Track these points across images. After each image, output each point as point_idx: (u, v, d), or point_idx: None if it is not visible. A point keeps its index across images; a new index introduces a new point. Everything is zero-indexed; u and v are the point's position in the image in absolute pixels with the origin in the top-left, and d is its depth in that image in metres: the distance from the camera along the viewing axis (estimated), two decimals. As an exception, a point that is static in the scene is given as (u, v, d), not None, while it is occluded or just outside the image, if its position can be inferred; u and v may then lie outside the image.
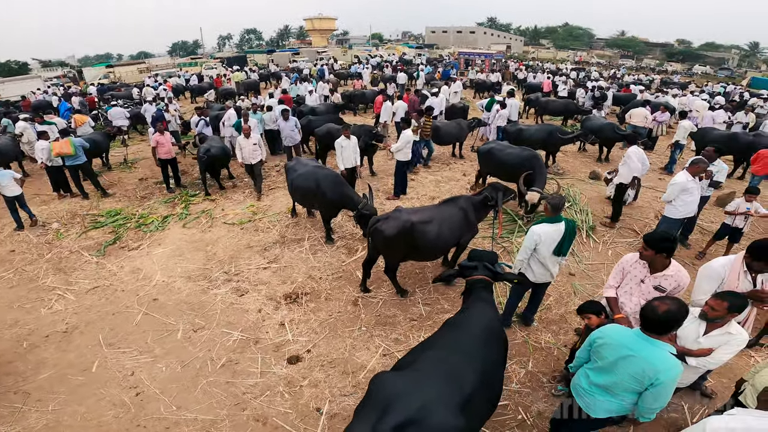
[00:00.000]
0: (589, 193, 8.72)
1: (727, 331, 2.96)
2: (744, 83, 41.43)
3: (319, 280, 5.82)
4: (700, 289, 3.50)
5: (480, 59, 36.19)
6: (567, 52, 67.06)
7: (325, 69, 25.90)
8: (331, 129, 9.32)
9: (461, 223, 5.35)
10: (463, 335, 3.00)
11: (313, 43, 66.59)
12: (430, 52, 51.92)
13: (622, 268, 3.63)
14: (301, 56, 40.61)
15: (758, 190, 6.15)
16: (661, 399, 2.60)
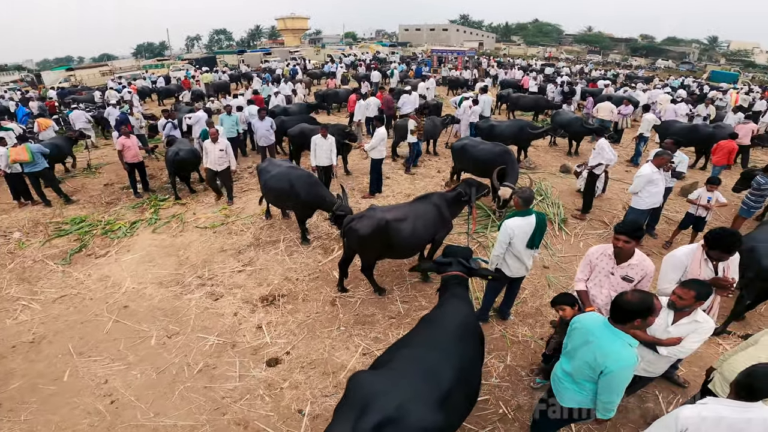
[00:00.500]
0: (560, 187, 8.93)
1: (694, 320, 3.02)
2: (704, 77, 43.34)
3: (295, 282, 5.77)
4: (666, 278, 3.59)
5: (453, 56, 36.47)
6: (537, 48, 68.45)
7: (297, 69, 25.62)
8: (305, 129, 9.21)
9: (435, 219, 5.37)
10: (439, 332, 3.01)
11: (286, 42, 65.74)
12: (403, 50, 51.98)
13: (590, 261, 3.69)
14: (273, 56, 39.97)
15: (719, 180, 6.42)
16: (612, 392, 2.61)
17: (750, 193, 6.87)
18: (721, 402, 2.31)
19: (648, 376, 3.25)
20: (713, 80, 39.07)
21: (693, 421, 2.23)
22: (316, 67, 29.97)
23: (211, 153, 8.05)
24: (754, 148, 10.97)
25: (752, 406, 2.22)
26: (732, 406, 2.25)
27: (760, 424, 2.17)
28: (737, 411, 2.22)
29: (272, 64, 32.00)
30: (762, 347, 2.96)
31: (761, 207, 7.20)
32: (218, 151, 8.00)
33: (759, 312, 5.25)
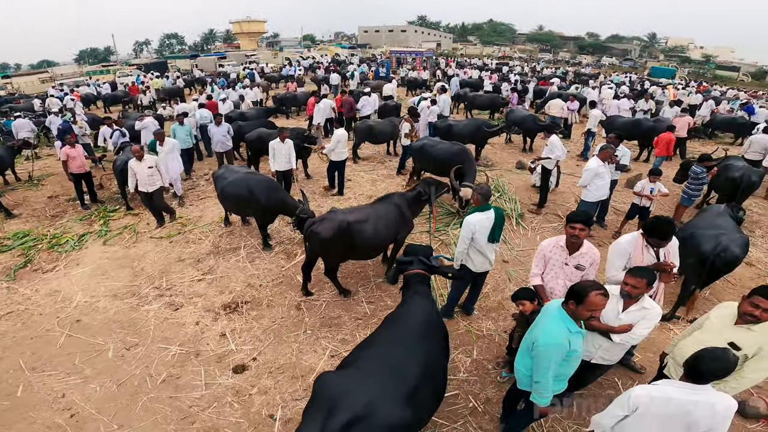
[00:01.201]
0: (516, 183, 9.25)
1: (642, 306, 3.12)
2: (645, 73, 46.20)
3: (258, 288, 5.70)
4: (613, 266, 3.76)
5: (411, 57, 36.91)
6: (492, 47, 70.53)
7: (254, 72, 25.07)
8: (263, 134, 9.05)
9: (397, 219, 5.43)
10: (403, 329, 3.05)
11: (242, 46, 64.32)
12: (363, 51, 52.13)
13: (543, 254, 3.81)
14: (228, 60, 38.88)
15: (660, 171, 6.86)
16: (539, 370, 2.77)
17: (689, 182, 7.39)
18: (672, 383, 2.42)
19: (605, 363, 3.36)
20: (653, 76, 41.77)
21: (643, 400, 2.37)
22: (274, 70, 29.44)
23: (139, 173, 7.08)
24: (691, 140, 11.79)
25: (701, 388, 2.31)
26: (682, 387, 2.35)
27: (706, 408, 2.27)
28: (686, 392, 2.32)
29: (228, 68, 31.12)
30: (706, 331, 3.09)
31: (700, 195, 7.75)
32: (146, 170, 7.10)
33: (704, 296, 5.57)
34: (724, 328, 2.97)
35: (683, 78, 42.90)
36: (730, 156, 8.39)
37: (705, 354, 2.31)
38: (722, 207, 5.87)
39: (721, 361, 2.28)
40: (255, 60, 37.61)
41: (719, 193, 7.86)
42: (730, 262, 4.92)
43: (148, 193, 7.25)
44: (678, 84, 28.94)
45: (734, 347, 2.79)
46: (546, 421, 3.73)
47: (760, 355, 2.78)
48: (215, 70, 32.93)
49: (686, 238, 5.20)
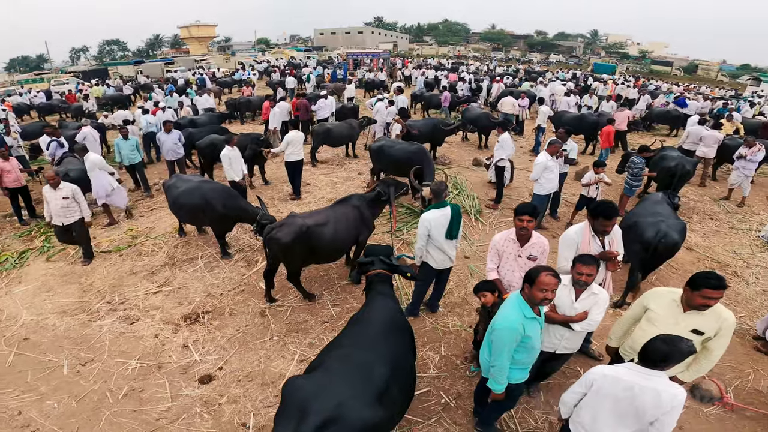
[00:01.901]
0: (473, 179, 9.49)
1: (591, 293, 3.22)
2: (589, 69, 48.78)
3: (219, 297, 5.56)
4: (562, 256, 3.88)
5: (368, 59, 36.98)
6: (447, 47, 71.95)
7: (205, 78, 24.23)
8: (215, 140, 8.76)
9: (357, 221, 5.44)
10: (368, 330, 3.05)
11: (191, 51, 62.04)
12: (319, 54, 51.70)
13: (496, 249, 3.89)
14: (176, 66, 37.29)
15: (604, 163, 7.26)
16: (494, 353, 2.87)
17: (630, 173, 7.86)
18: (627, 366, 2.50)
19: (568, 352, 3.48)
20: (596, 72, 44.17)
21: (597, 377, 2.52)
22: (226, 75, 28.60)
23: (52, 202, 6.07)
24: (631, 133, 12.57)
25: (653, 373, 2.38)
26: (634, 370, 2.44)
27: (652, 395, 2.34)
28: (636, 376, 2.41)
29: (176, 74, 29.87)
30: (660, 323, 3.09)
31: (640, 185, 8.26)
32: (61, 200, 6.05)
33: (650, 282, 5.91)
34: (677, 316, 3.02)
35: (622, 73, 45.68)
36: (666, 147, 9.00)
37: (656, 340, 2.40)
38: (660, 195, 6.27)
39: (669, 346, 2.34)
40: (205, 65, 36.29)
41: (657, 182, 8.41)
42: (671, 248, 5.21)
43: (63, 225, 6.23)
44: (618, 79, 30.78)
45: (698, 333, 2.94)
46: (517, 412, 3.82)
47: (720, 333, 2.94)
48: (162, 76, 31.48)
49: (630, 227, 5.49)
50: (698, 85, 39.82)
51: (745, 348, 4.86)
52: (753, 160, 8.64)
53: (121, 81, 28.76)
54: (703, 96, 24.09)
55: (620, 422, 2.48)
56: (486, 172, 9.49)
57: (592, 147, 12.29)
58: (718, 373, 4.38)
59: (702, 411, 3.96)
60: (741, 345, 4.90)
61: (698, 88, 34.01)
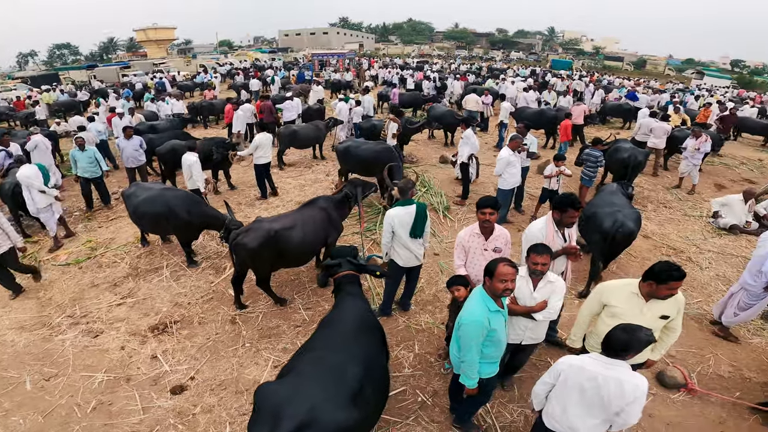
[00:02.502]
0: (440, 176, 9.64)
1: (548, 281, 3.30)
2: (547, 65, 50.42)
3: (187, 306, 5.45)
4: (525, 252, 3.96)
5: (334, 59, 36.86)
6: (412, 46, 72.51)
7: (165, 81, 23.41)
8: (176, 146, 8.50)
9: (325, 223, 5.42)
10: (339, 332, 3.06)
11: (149, 54, 59.70)
12: (284, 55, 50.99)
13: (462, 245, 3.96)
14: (133, 69, 35.79)
15: (564, 156, 7.55)
16: (463, 347, 2.93)
17: (586, 164, 8.21)
18: (593, 356, 2.58)
19: (534, 342, 3.56)
20: (553, 68, 45.72)
21: (564, 367, 2.61)
22: (187, 78, 27.73)
23: None
24: (587, 126, 13.09)
25: (615, 363, 2.45)
26: (598, 360, 2.51)
27: (615, 385, 2.41)
28: (600, 365, 2.48)
29: (133, 78, 28.68)
30: (627, 316, 3.13)
31: (597, 176, 8.63)
32: None
33: (611, 270, 6.14)
34: (641, 307, 3.09)
35: (578, 69, 47.52)
36: (619, 139, 9.46)
37: (616, 329, 2.48)
38: (615, 186, 6.57)
39: (629, 335, 2.42)
40: (164, 68, 34.99)
41: (613, 173, 8.83)
42: (628, 237, 5.42)
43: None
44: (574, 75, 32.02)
45: (666, 318, 3.08)
46: (492, 406, 3.89)
47: (678, 313, 3.14)
48: (118, 80, 30.12)
49: (589, 218, 5.72)
50: (647, 79, 41.89)
51: (703, 333, 5.06)
52: (701, 150, 9.21)
53: (74, 86, 27.33)
54: (652, 89, 25.39)
55: (588, 412, 2.55)
56: (453, 169, 9.66)
57: (553, 141, 12.73)
58: (681, 359, 4.58)
59: (669, 397, 4.10)
60: (700, 330, 5.10)
61: (647, 82, 35.77)
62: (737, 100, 24.29)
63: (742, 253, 6.84)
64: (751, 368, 4.53)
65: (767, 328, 5.19)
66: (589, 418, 2.57)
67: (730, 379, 4.39)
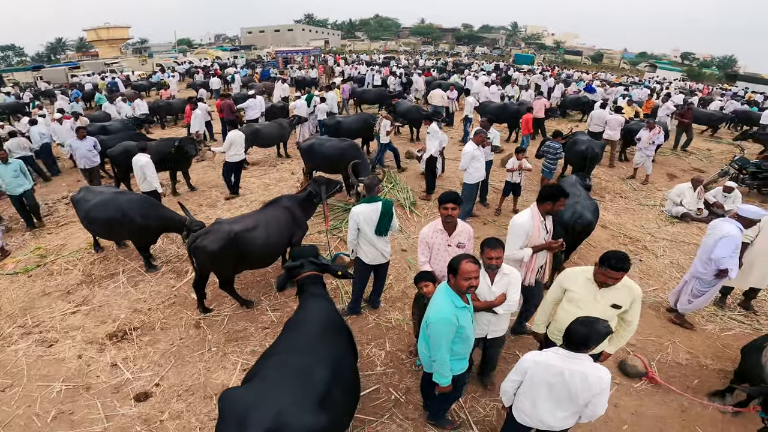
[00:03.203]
0: (407, 172, 9.69)
1: (503, 274, 3.32)
2: (510, 60, 51.56)
3: (148, 312, 5.26)
4: (512, 245, 3.84)
5: (299, 56, 36.28)
6: (379, 42, 72.41)
7: (118, 81, 22.30)
8: (129, 147, 8.09)
9: (289, 223, 5.32)
10: (304, 334, 2.99)
11: (101, 54, 56.83)
12: (247, 53, 49.82)
13: (426, 241, 3.92)
14: (83, 70, 33.94)
15: (524, 149, 7.71)
16: (433, 347, 2.91)
17: (546, 157, 8.43)
18: (554, 351, 2.62)
19: (499, 335, 3.61)
20: (516, 62, 46.80)
21: (529, 364, 2.64)
22: (143, 78, 26.55)
23: None
24: (548, 120, 13.46)
25: (578, 356, 2.49)
26: (561, 355, 2.54)
27: (581, 378, 2.45)
28: (564, 360, 2.52)
29: (83, 78, 27.16)
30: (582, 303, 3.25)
31: (557, 167, 8.90)
32: None
33: (573, 261, 6.30)
34: (595, 294, 3.16)
35: (539, 63, 48.88)
36: (577, 132, 9.76)
37: (575, 322, 2.52)
38: (574, 177, 6.76)
39: (588, 328, 2.45)
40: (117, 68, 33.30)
41: (572, 165, 9.10)
42: (586, 227, 5.59)
43: None
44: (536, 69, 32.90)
45: (617, 307, 3.11)
46: (465, 401, 3.92)
47: (633, 305, 3.12)
48: (67, 81, 28.44)
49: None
50: (604, 72, 43.62)
51: (661, 321, 5.20)
52: (654, 141, 9.63)
53: (18, 88, 25.63)
54: (609, 83, 26.42)
55: (558, 406, 2.60)
56: (419, 164, 9.69)
57: (516, 134, 13.00)
58: (641, 348, 4.68)
59: (632, 387, 4.20)
60: (657, 318, 5.24)
61: (604, 75, 37.24)
62: (687, 92, 25.60)
63: (694, 240, 7.14)
64: (707, 355, 4.68)
65: (720, 314, 5.38)
66: (558, 411, 2.62)
67: (688, 367, 4.51)
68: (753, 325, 5.20)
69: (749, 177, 9.28)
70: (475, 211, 7.80)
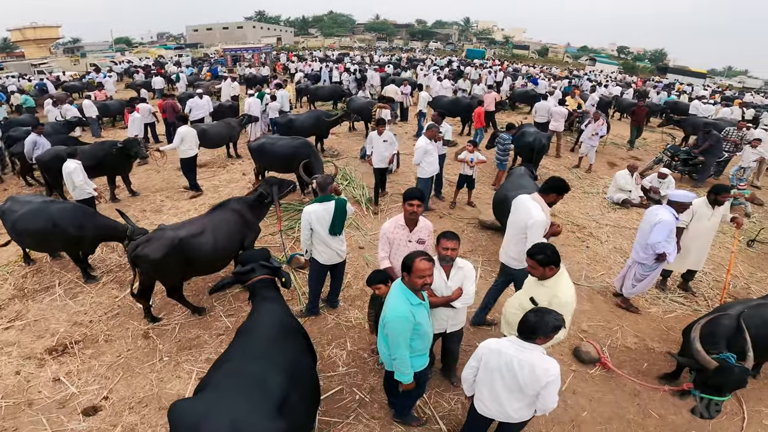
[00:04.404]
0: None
1: (458, 267, 3.33)
2: (463, 55, 52.72)
3: (89, 324, 4.95)
4: (536, 241, 3.83)
5: (249, 54, 35.23)
6: (333, 39, 71.68)
7: (47, 83, 20.60)
8: (59, 152, 7.47)
9: (239, 225, 5.14)
10: (257, 339, 2.89)
11: (27, 54, 52.72)
12: (194, 52, 47.78)
13: (387, 237, 3.91)
14: (5, 71, 31.21)
15: (476, 142, 7.86)
16: (392, 345, 2.90)
17: (497, 149, 8.66)
18: (509, 339, 2.64)
19: (458, 328, 3.63)
20: (468, 57, 47.96)
21: (484, 351, 2.67)
22: (75, 78, 24.71)
23: None
24: (498, 112, 13.86)
25: (529, 346, 2.51)
26: (514, 344, 2.56)
27: (529, 369, 2.47)
28: (515, 349, 2.54)
29: (6, 80, 24.90)
30: (523, 290, 3.38)
31: (508, 159, 9.17)
32: None
33: None
34: (531, 285, 3.29)
35: (490, 58, 50.36)
36: (524, 124, 10.09)
37: (529, 312, 2.56)
38: (522, 169, 6.98)
39: (537, 317, 2.49)
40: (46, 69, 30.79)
41: (521, 156, 9.42)
42: None
43: None
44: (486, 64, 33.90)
45: (533, 302, 3.15)
46: (430, 397, 3.91)
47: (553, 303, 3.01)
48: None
49: (501, 201, 6.00)
50: (549, 67, 45.60)
51: (609, 305, 5.35)
52: (598, 133, 10.15)
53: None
54: (554, 76, 27.67)
55: (512, 396, 2.61)
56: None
57: (469, 128, 13.27)
58: (593, 333, 4.82)
59: (588, 373, 4.29)
60: (605, 303, 5.39)
61: (549, 69, 38.94)
62: (623, 84, 27.25)
63: (634, 225, 7.46)
64: (653, 338, 4.85)
65: (662, 297, 5.62)
66: (514, 402, 2.63)
67: (637, 351, 4.66)
68: (692, 306, 5.48)
69: (681, 163, 10.01)
70: (431, 204, 7.87)
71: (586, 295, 5.53)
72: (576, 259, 6.44)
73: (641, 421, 3.83)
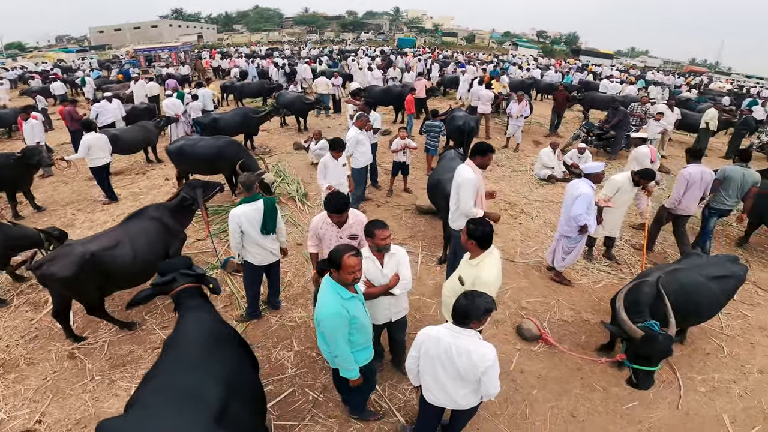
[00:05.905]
0: (296, 164, 9.36)
1: (391, 254, 3.29)
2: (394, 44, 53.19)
3: (6, 349, 4.49)
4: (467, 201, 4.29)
5: (165, 53, 32.93)
6: (260, 34, 69.05)
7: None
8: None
9: (161, 234, 4.79)
10: (185, 351, 2.70)
11: None
12: (100, 54, 43.86)
13: (315, 233, 3.84)
14: None
15: (407, 128, 7.90)
16: (329, 342, 2.83)
17: (429, 135, 8.78)
18: (446, 326, 2.60)
19: (401, 316, 3.58)
20: (400, 46, 48.50)
21: (424, 338, 2.63)
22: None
23: None
24: (429, 99, 14.10)
25: (464, 332, 2.48)
26: (451, 331, 2.53)
27: (465, 355, 2.45)
28: (452, 336, 2.51)
29: None
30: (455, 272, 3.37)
31: (438, 144, 9.33)
32: None
33: None
34: (462, 265, 3.32)
35: (421, 46, 51.29)
36: (454, 108, 10.38)
37: (461, 295, 2.53)
38: (453, 152, 7.13)
39: (468, 300, 2.47)
40: None
41: (453, 140, 9.66)
42: None
43: None
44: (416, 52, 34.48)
45: (461, 282, 3.20)
46: (384, 390, 3.86)
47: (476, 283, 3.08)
48: None
49: (435, 185, 6.08)
50: (477, 53, 47.34)
51: (544, 280, 5.46)
52: (523, 114, 10.64)
53: None
54: (482, 62, 28.76)
55: (455, 383, 2.58)
56: (308, 154, 9.44)
57: (402, 116, 13.39)
58: (532, 309, 4.91)
59: (532, 350, 4.35)
60: (541, 278, 5.50)
61: (477, 55, 40.43)
62: (543, 66, 28.95)
63: (560, 199, 7.82)
64: (587, 310, 4.98)
65: (590, 267, 5.85)
66: (459, 389, 2.60)
67: (574, 324, 4.77)
68: (617, 275, 5.79)
69: (596, 138, 10.82)
70: (368, 194, 7.85)
71: (523, 272, 5.72)
72: (510, 236, 6.70)
73: (588, 394, 3.92)
